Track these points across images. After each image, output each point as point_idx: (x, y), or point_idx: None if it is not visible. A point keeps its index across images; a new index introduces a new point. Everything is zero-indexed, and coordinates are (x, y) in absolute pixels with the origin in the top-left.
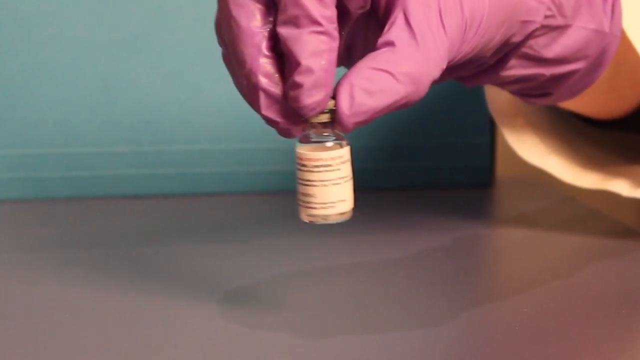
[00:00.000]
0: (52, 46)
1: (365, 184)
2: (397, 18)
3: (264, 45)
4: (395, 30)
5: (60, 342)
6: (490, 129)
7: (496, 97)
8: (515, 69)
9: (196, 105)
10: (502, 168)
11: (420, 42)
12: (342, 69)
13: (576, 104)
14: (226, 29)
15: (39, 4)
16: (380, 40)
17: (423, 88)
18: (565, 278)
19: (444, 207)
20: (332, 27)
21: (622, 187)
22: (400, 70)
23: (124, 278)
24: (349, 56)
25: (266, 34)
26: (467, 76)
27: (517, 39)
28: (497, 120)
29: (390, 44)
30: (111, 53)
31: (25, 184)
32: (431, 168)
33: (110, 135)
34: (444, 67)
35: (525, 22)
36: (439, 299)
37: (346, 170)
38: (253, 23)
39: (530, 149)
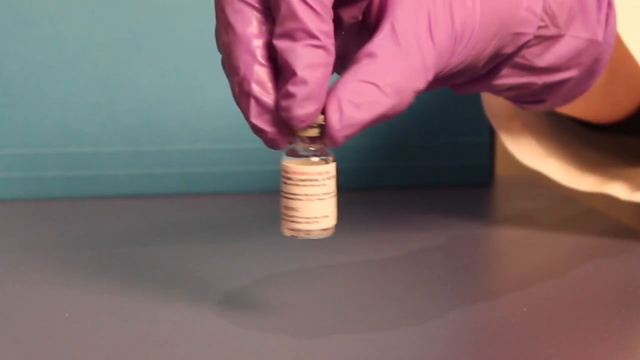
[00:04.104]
0: (52, 46)
1: (365, 183)
2: (384, 29)
3: (259, 53)
4: (377, 41)
5: (60, 341)
6: (489, 129)
7: (492, 101)
8: (508, 77)
9: (196, 105)
10: (501, 168)
11: (403, 51)
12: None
13: (572, 109)
14: (223, 35)
15: (38, 3)
16: (361, 51)
17: (407, 99)
18: (564, 277)
19: (444, 206)
20: (330, 43)
21: (620, 190)
22: (385, 81)
23: (123, 278)
24: (341, 64)
25: (263, 42)
26: (458, 84)
27: (509, 50)
28: (494, 123)
29: (371, 54)
30: (111, 53)
31: (24, 184)
32: (431, 168)
33: (110, 135)
34: (430, 78)
35: (517, 34)
36: (438, 297)
37: (331, 186)
38: (249, 30)
39: (528, 152)
